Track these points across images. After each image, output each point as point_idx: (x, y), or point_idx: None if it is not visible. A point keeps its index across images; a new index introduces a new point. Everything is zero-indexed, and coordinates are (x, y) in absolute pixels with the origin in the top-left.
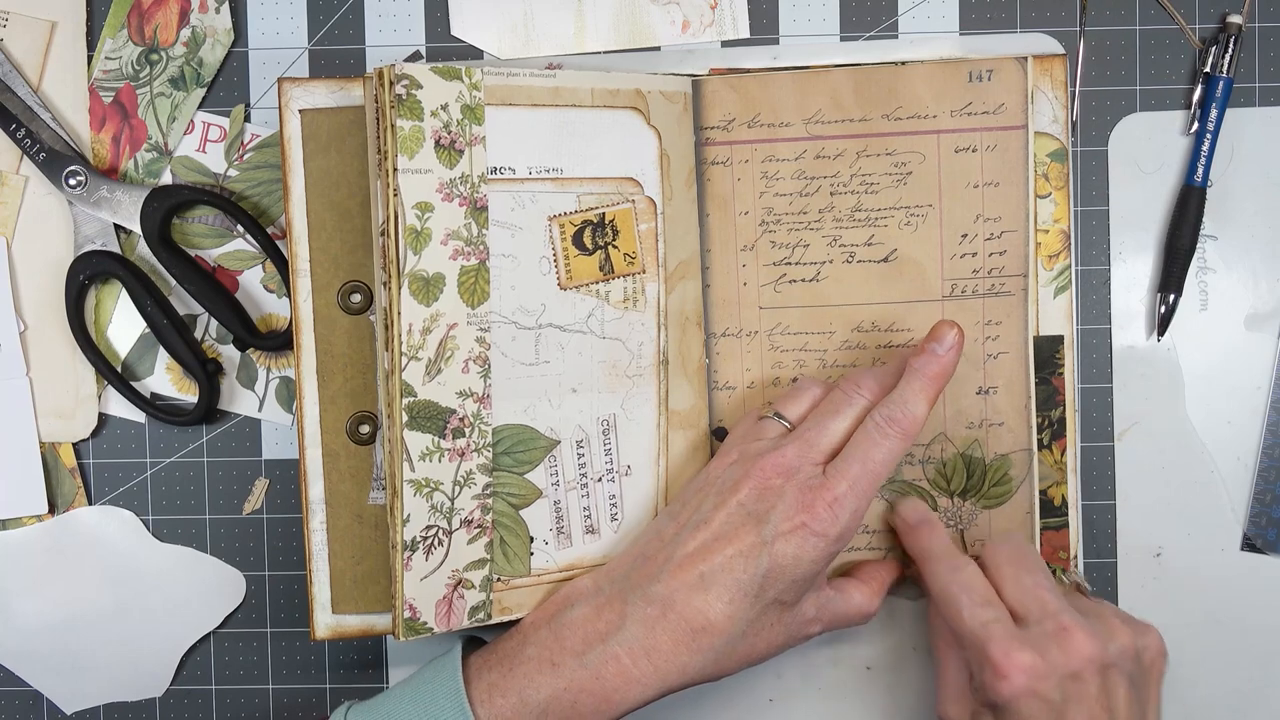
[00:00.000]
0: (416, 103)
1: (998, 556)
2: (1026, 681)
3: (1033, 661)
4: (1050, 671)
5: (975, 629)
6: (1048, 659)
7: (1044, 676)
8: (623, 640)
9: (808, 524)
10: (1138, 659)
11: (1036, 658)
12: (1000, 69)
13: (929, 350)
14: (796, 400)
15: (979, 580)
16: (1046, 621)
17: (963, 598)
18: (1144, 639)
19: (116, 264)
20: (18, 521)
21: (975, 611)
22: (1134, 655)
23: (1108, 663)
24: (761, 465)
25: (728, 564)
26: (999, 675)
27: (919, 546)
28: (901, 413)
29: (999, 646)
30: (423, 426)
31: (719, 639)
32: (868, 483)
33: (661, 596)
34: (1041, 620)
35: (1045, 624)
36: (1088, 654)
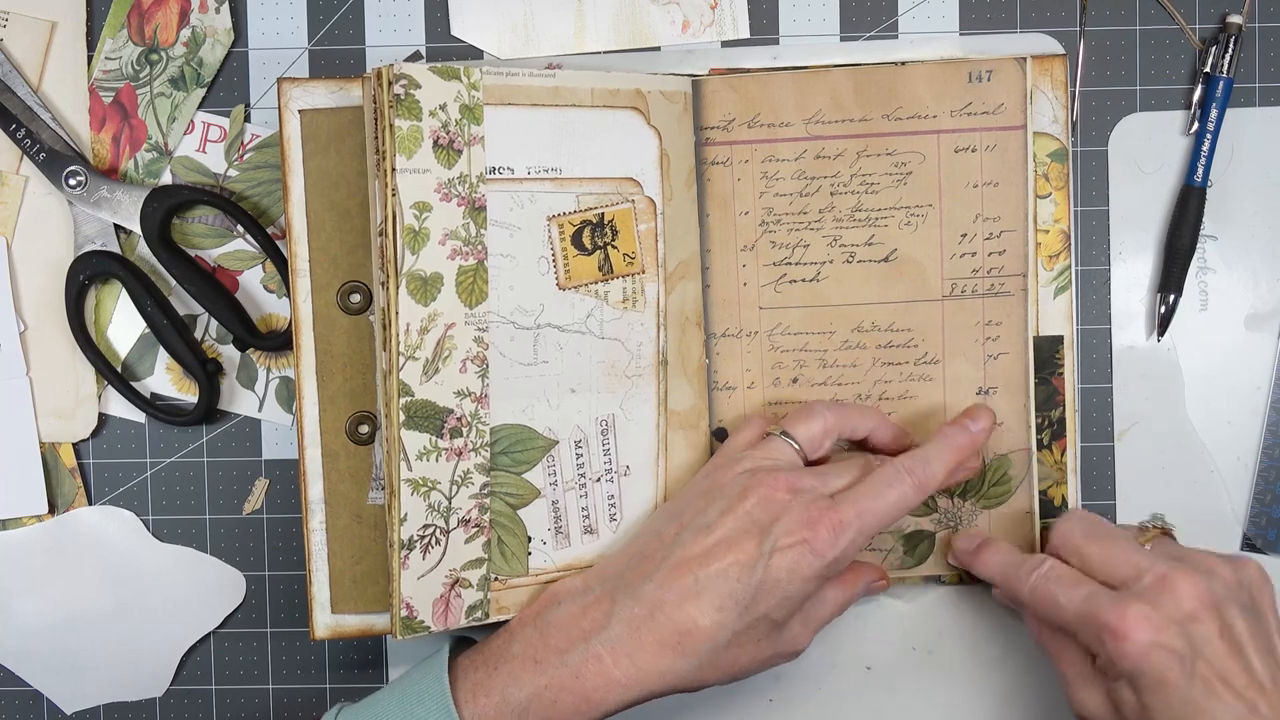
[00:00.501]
0: (415, 102)
1: (1071, 538)
2: (1149, 634)
3: (1147, 613)
4: (1167, 620)
5: (1079, 609)
6: (1160, 609)
7: (1163, 626)
8: (605, 640)
9: (809, 541)
10: (1245, 589)
11: (1149, 609)
12: (1000, 69)
13: (962, 425)
14: (807, 423)
15: (1063, 569)
16: (1145, 577)
17: (1054, 589)
18: (1244, 571)
19: (116, 264)
20: (18, 521)
21: (1072, 594)
22: (1239, 586)
23: (1218, 599)
24: (774, 479)
25: (724, 571)
26: (1120, 638)
27: (990, 568)
28: (921, 466)
29: (1110, 611)
30: (420, 426)
31: (704, 645)
32: (873, 518)
33: (651, 597)
34: (1139, 578)
35: (1144, 579)
36: (1196, 594)
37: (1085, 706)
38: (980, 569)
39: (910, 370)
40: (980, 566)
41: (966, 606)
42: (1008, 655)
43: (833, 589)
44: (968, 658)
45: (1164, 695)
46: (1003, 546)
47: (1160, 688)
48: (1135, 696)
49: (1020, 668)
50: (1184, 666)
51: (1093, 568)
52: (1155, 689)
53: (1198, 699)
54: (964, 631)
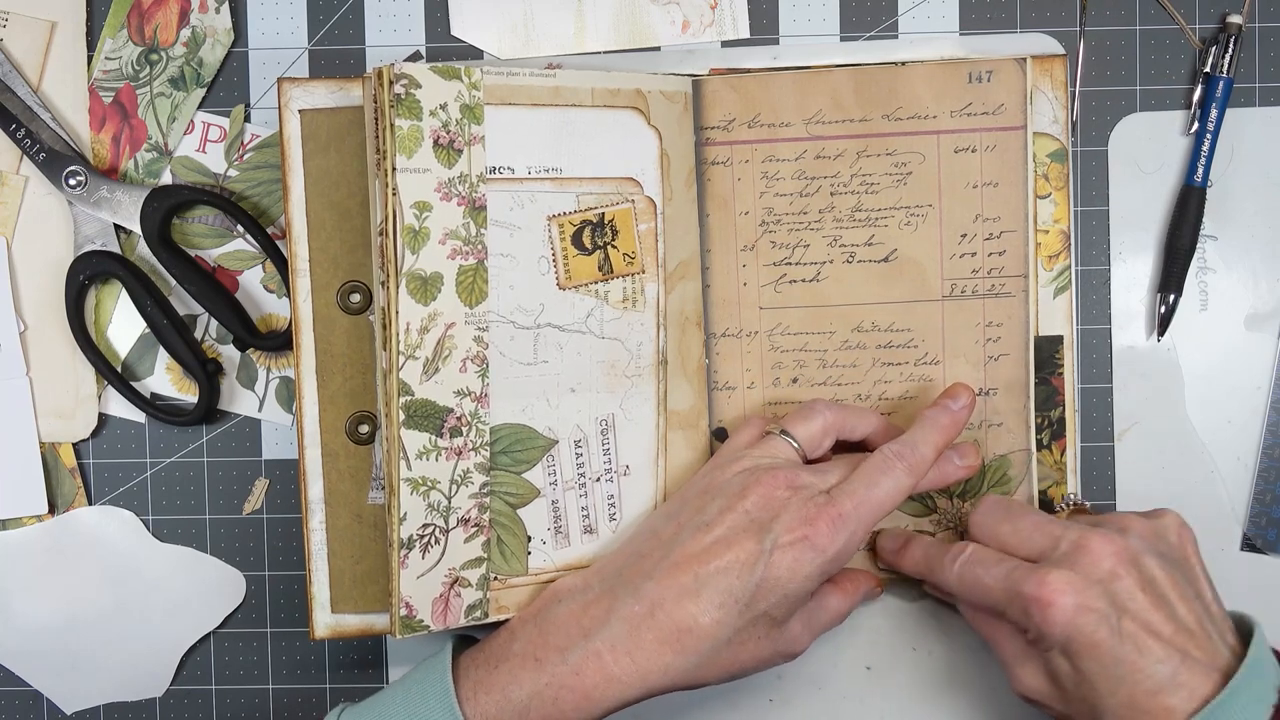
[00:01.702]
0: (415, 102)
1: (985, 521)
2: (1071, 598)
3: (1067, 577)
4: (1087, 582)
5: (1003, 585)
6: (1079, 571)
7: (1084, 588)
8: (605, 637)
9: (809, 537)
10: (1162, 538)
11: (1069, 573)
12: (1000, 70)
13: (943, 405)
14: (807, 421)
15: (983, 551)
16: (1061, 544)
17: (977, 571)
18: (1160, 522)
19: (116, 264)
20: (18, 521)
21: (995, 573)
22: (1156, 536)
23: (1134, 553)
24: (773, 477)
25: (724, 569)
26: (1044, 605)
27: (914, 563)
28: (910, 450)
29: (1031, 582)
30: (420, 425)
31: (704, 643)
32: (870, 508)
33: (651, 595)
34: (1056, 546)
35: (1061, 546)
36: (1113, 551)
37: (1025, 684)
38: (906, 566)
39: (910, 370)
40: (906, 563)
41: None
42: None
43: (835, 596)
44: (968, 658)
45: (1096, 657)
46: (924, 540)
47: (1092, 650)
48: (1070, 664)
49: None
50: (1111, 625)
51: (1011, 546)
52: (1087, 652)
53: (1129, 655)
54: (964, 631)
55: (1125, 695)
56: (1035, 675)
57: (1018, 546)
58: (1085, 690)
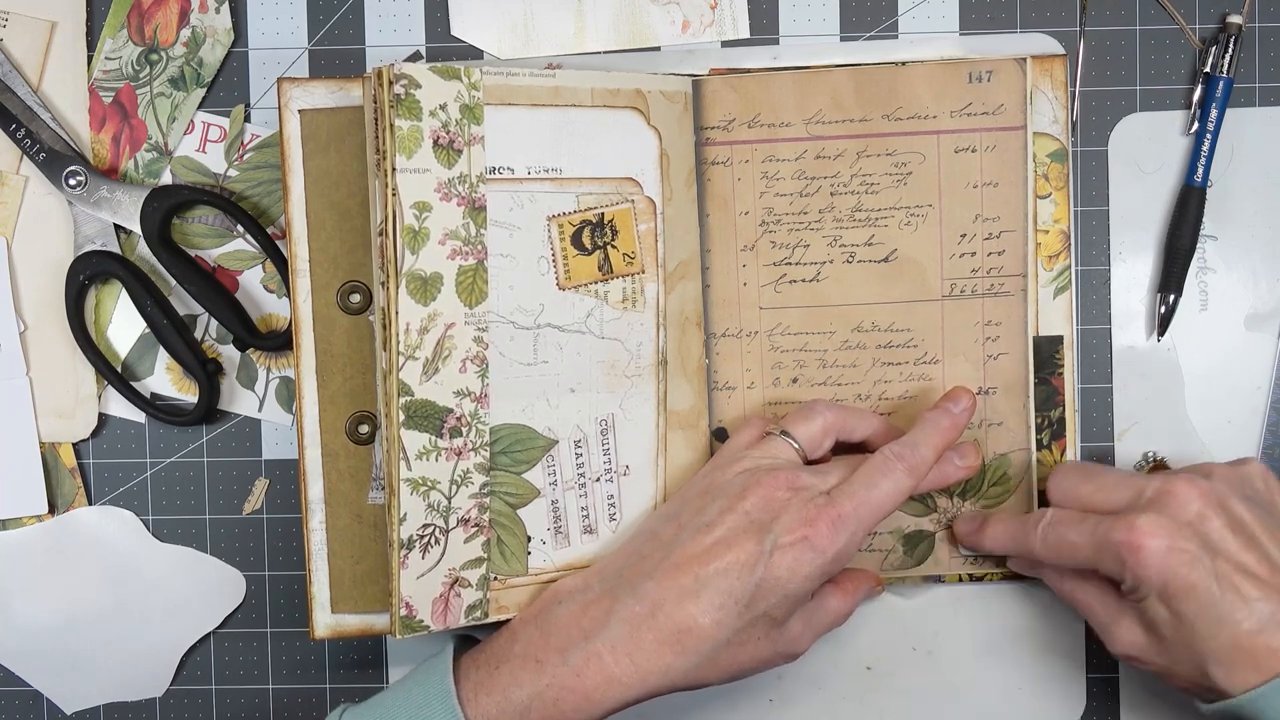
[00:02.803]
0: (415, 102)
1: (1064, 485)
2: (1163, 539)
3: (1156, 519)
4: (1176, 524)
5: (1091, 540)
6: (1167, 514)
7: (1174, 530)
8: (606, 638)
9: (809, 538)
10: (1248, 483)
11: (1157, 516)
12: (1000, 70)
13: (944, 407)
14: (808, 421)
15: (1066, 513)
16: (1145, 493)
17: (1063, 531)
18: (1244, 468)
19: (116, 264)
20: (18, 521)
21: (1081, 529)
22: (1241, 481)
23: (1221, 495)
24: (773, 478)
25: (724, 570)
26: (1136, 549)
27: (998, 539)
28: (910, 451)
29: (1120, 529)
30: (420, 425)
31: (704, 644)
32: (870, 509)
33: (651, 595)
34: (1139, 496)
35: (1145, 495)
36: (1199, 494)
37: (1123, 642)
38: (989, 544)
39: (910, 370)
40: (988, 542)
41: (966, 606)
42: (1007, 655)
43: (835, 596)
44: (968, 658)
45: (1194, 599)
46: (1003, 516)
47: (1188, 592)
48: (1167, 609)
49: (1020, 667)
50: (1204, 566)
51: (1095, 503)
52: (1183, 595)
53: (1227, 595)
54: (964, 631)
55: (1227, 637)
56: (1133, 630)
57: (1102, 502)
58: (1185, 635)
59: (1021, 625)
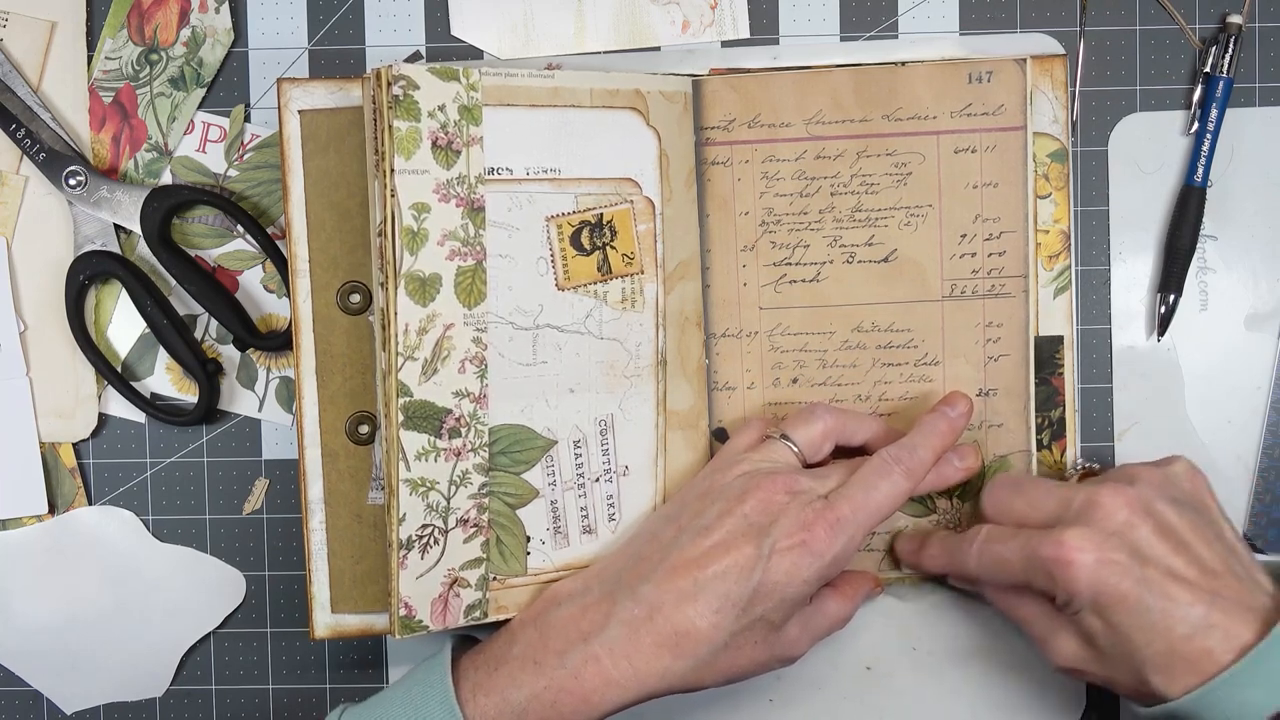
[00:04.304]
0: (414, 103)
1: (996, 500)
2: (1091, 553)
3: (1083, 533)
4: (1103, 536)
5: (1022, 555)
6: (1094, 526)
7: (1102, 543)
8: (604, 641)
9: (807, 542)
10: (1174, 484)
11: (1083, 529)
12: (1000, 70)
13: (940, 411)
14: (807, 425)
15: (998, 529)
16: (1073, 505)
17: (995, 548)
18: (1170, 467)
19: (116, 264)
20: (18, 521)
21: (1012, 546)
22: (1167, 482)
23: (1146, 500)
24: (771, 481)
25: (722, 573)
26: (1065, 564)
27: (933, 559)
28: (908, 455)
29: (1048, 545)
30: (419, 426)
31: (702, 647)
32: (868, 513)
33: (650, 598)
34: (1067, 508)
35: (1072, 507)
36: (1124, 502)
37: (1062, 655)
38: (927, 563)
39: (910, 371)
40: (926, 561)
41: (966, 606)
42: (1007, 655)
43: (834, 600)
44: (968, 658)
45: (1126, 608)
46: (940, 535)
47: (1120, 602)
48: (1102, 621)
49: (1020, 668)
50: (1135, 575)
51: (1025, 517)
52: (1116, 606)
53: (1158, 603)
54: (964, 631)
55: (1162, 644)
56: (1070, 643)
57: (1031, 516)
58: (1122, 645)
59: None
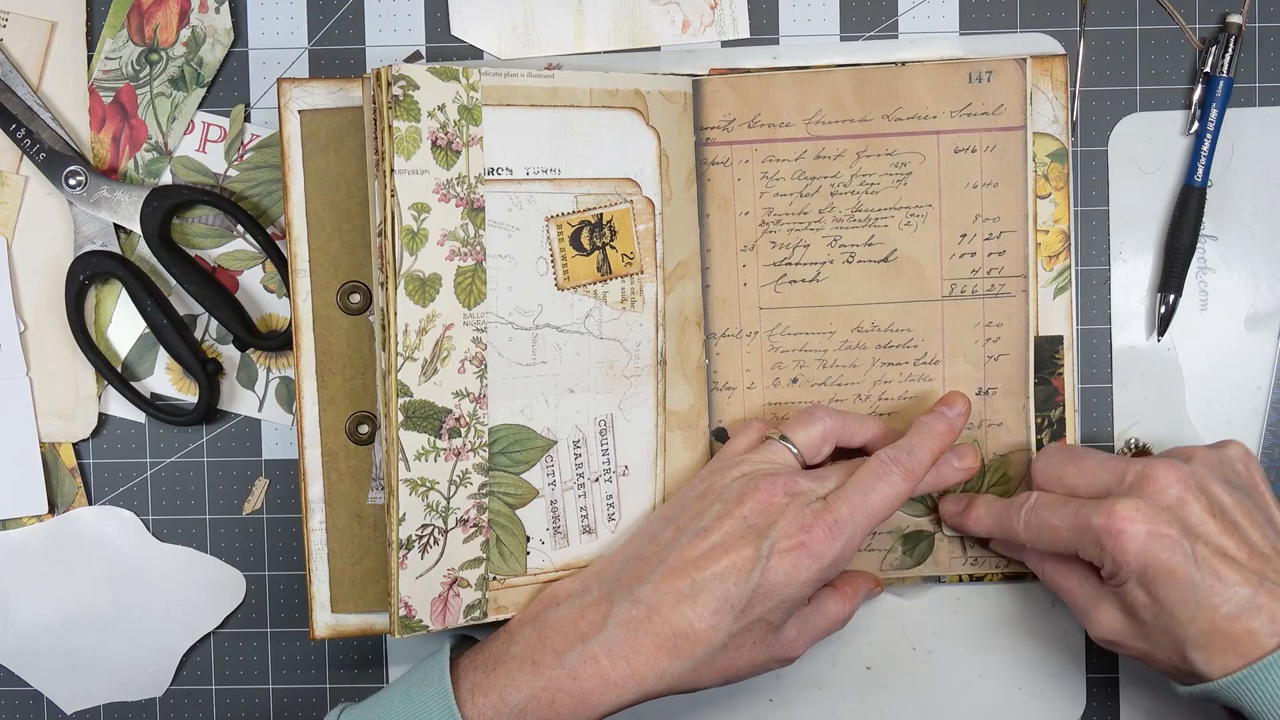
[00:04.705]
0: (413, 103)
1: (1050, 467)
2: (1143, 524)
3: (1137, 504)
4: (1156, 509)
5: (1072, 523)
6: (1147, 499)
7: (1154, 515)
8: (603, 642)
9: (806, 544)
10: (1228, 466)
11: (1137, 500)
12: (999, 70)
13: (938, 411)
14: (807, 427)
15: (1049, 496)
16: (1126, 478)
17: (1045, 515)
18: (1225, 450)
19: (116, 264)
20: (18, 521)
21: (1063, 513)
22: (1221, 463)
23: (1201, 479)
24: (770, 483)
25: (721, 574)
26: (1116, 535)
27: (982, 520)
28: (906, 455)
29: (1100, 515)
30: (418, 426)
31: (700, 648)
32: (866, 514)
33: (648, 599)
34: (1120, 480)
35: (1126, 479)
36: (1178, 478)
37: (1104, 627)
38: (973, 525)
39: (910, 370)
40: (972, 523)
41: (966, 606)
42: (1007, 655)
43: (833, 601)
44: (968, 658)
45: (1173, 583)
46: (989, 498)
47: (1168, 577)
48: (1147, 594)
49: (1020, 667)
50: (1184, 550)
51: (1077, 487)
52: (1163, 579)
53: (1206, 580)
54: (964, 631)
55: (1206, 621)
56: (1113, 615)
57: (1083, 486)
58: (1165, 620)
59: (1021, 625)
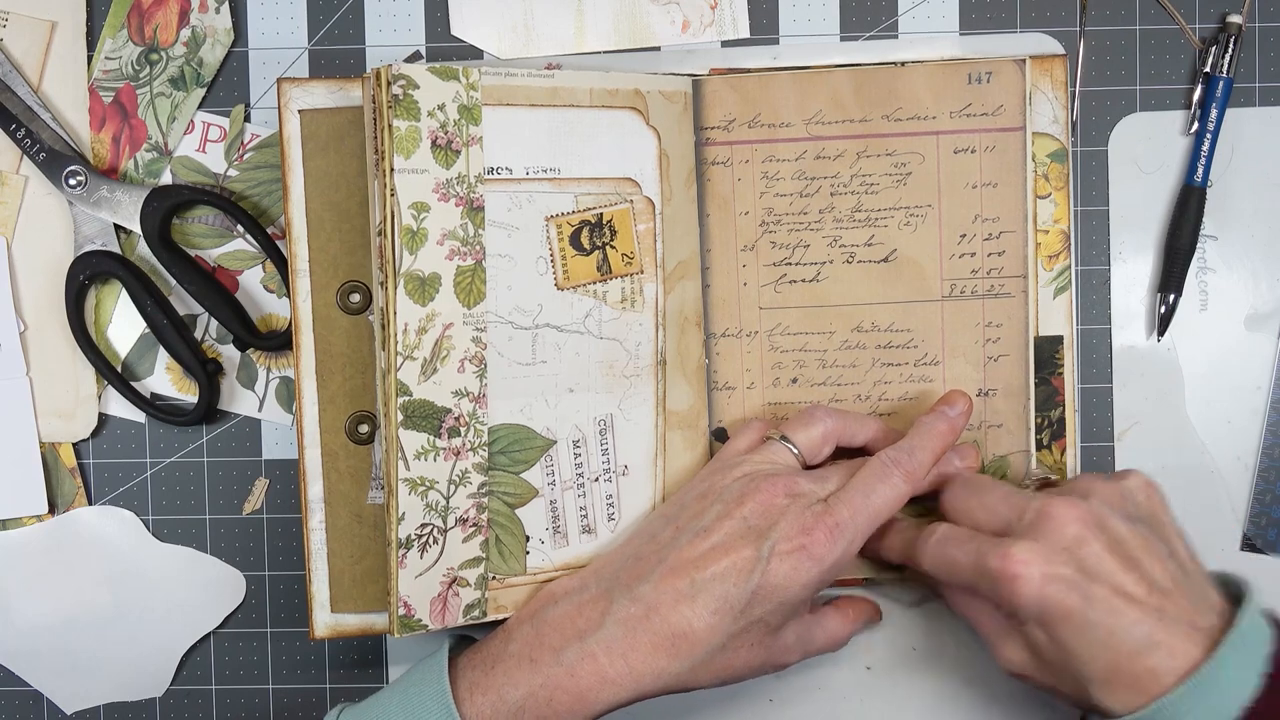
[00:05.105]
0: (413, 103)
1: (955, 498)
2: (1037, 568)
3: (1031, 547)
4: (1051, 551)
5: (972, 563)
6: (1044, 540)
7: (1049, 558)
8: (601, 639)
9: (806, 546)
10: (1129, 499)
11: (1032, 543)
12: (999, 70)
13: (939, 411)
14: (807, 428)
15: (953, 529)
16: (1025, 515)
17: (948, 549)
18: (1125, 481)
19: (116, 264)
20: (18, 521)
21: (964, 549)
22: (1122, 497)
23: (1099, 516)
24: (771, 484)
25: (721, 575)
26: (1011, 579)
27: (891, 549)
28: (907, 457)
29: (995, 556)
30: (418, 425)
31: (698, 648)
32: (867, 516)
33: (647, 597)
34: (1020, 518)
35: (1025, 518)
36: (1076, 516)
37: (1010, 660)
38: (884, 553)
39: (910, 371)
40: (884, 551)
41: None
42: None
43: (835, 619)
44: (968, 658)
45: (1071, 625)
46: (901, 525)
47: (1065, 619)
48: (1046, 635)
49: None
50: (1081, 591)
51: (980, 521)
52: (1060, 622)
53: (1103, 619)
54: (964, 631)
55: (1106, 660)
56: (1018, 650)
57: (986, 521)
58: (1066, 659)
59: None
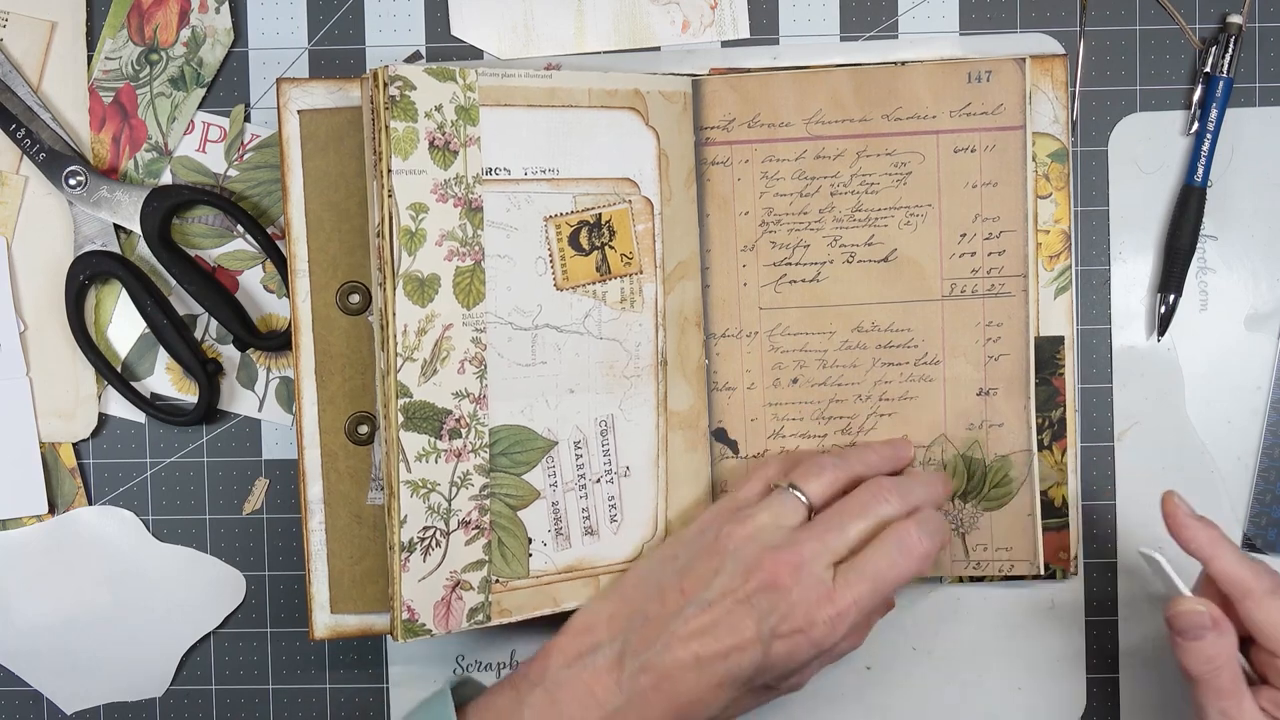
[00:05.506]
0: (410, 104)
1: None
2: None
3: None
4: None
5: None
6: None
7: None
8: (617, 714)
9: (805, 633)
10: None
11: None
12: (999, 70)
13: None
14: (817, 477)
15: None
16: None
17: None
18: None
19: (116, 264)
20: (18, 521)
21: None
22: None
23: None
24: (776, 560)
25: (724, 654)
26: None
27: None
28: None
29: None
30: (419, 427)
31: (705, 712)
32: (873, 601)
33: (657, 667)
34: None
35: None
36: None
37: None
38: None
39: (910, 370)
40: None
41: (966, 606)
42: (1007, 655)
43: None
44: (968, 658)
45: None
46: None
47: None
48: None
49: (1020, 667)
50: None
51: None
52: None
53: None
54: (964, 631)
55: None
56: None
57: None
58: None
59: (1021, 625)
